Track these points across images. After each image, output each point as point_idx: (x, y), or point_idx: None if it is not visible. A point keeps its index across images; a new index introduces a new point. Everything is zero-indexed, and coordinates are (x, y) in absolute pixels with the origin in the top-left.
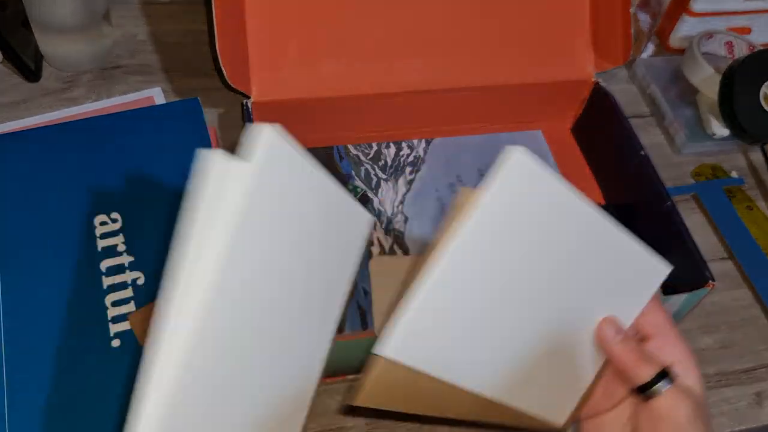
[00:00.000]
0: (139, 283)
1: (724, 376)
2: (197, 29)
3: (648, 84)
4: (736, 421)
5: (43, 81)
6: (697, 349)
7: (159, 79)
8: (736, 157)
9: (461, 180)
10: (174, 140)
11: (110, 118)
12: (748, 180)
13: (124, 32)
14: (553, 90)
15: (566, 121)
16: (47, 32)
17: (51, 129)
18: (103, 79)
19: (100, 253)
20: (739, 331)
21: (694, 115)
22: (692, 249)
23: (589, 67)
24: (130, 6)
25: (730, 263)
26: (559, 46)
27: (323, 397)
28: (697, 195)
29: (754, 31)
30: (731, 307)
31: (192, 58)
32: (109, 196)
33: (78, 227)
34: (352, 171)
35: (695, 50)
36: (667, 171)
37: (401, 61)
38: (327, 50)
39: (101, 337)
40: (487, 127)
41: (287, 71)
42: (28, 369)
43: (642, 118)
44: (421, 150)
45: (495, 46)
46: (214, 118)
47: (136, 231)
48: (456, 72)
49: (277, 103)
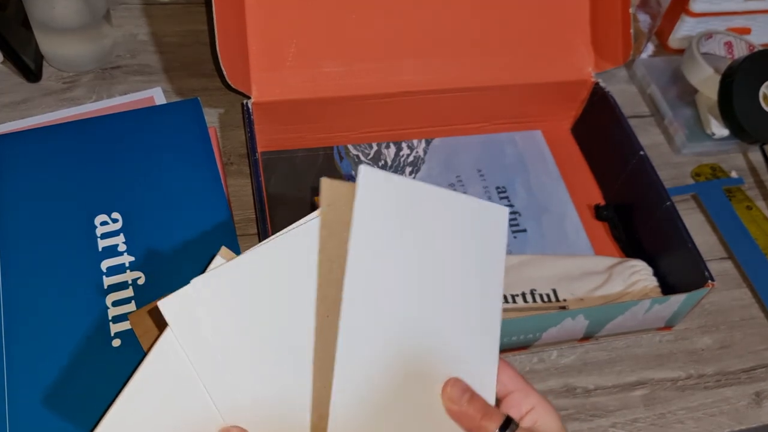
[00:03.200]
0: (140, 283)
1: (723, 376)
2: (198, 29)
3: (648, 84)
4: (735, 421)
5: (44, 81)
6: (696, 349)
7: (159, 79)
8: (735, 157)
9: (461, 180)
10: (174, 140)
11: (111, 118)
12: (747, 180)
13: (125, 32)
14: (553, 90)
15: (566, 121)
16: (48, 32)
17: (51, 129)
18: (103, 79)
19: (101, 252)
20: (738, 330)
21: (693, 115)
22: (692, 249)
23: (588, 67)
24: (130, 6)
25: (730, 263)
26: (559, 46)
27: None
28: (697, 195)
29: (753, 31)
30: (731, 307)
31: (192, 59)
32: (110, 195)
33: (78, 227)
34: (352, 171)
35: (695, 50)
36: (667, 171)
37: (401, 61)
38: (327, 50)
39: (102, 337)
40: (487, 127)
41: (287, 71)
42: (28, 368)
43: (641, 118)
44: (421, 150)
45: (495, 47)
46: (215, 118)
47: (136, 231)
48: (456, 72)
49: (278, 104)
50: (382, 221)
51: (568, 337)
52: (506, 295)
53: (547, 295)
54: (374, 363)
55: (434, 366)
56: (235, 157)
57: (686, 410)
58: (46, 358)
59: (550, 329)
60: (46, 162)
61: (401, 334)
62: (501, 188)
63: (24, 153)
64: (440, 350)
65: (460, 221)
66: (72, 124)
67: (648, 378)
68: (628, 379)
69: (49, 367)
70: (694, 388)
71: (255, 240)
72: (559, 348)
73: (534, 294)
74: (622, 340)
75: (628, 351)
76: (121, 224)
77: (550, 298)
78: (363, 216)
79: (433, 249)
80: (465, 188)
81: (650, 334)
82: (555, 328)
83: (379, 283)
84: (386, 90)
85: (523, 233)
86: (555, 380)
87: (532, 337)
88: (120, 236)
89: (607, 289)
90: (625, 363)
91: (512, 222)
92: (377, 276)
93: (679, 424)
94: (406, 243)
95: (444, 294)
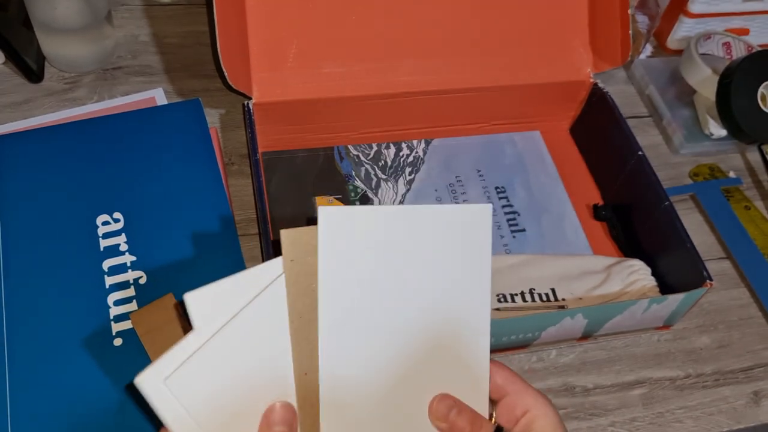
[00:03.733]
0: (141, 283)
1: (721, 376)
2: (199, 30)
3: (646, 85)
4: (734, 420)
5: (46, 82)
6: (694, 348)
7: (161, 79)
8: (733, 157)
9: (460, 180)
10: (176, 140)
11: (112, 118)
12: (745, 180)
13: (126, 33)
14: (552, 90)
15: (564, 121)
16: (49, 33)
17: (53, 129)
18: (104, 79)
19: (103, 252)
20: (736, 330)
21: (691, 116)
22: (690, 249)
23: (587, 67)
24: (131, 7)
25: (728, 263)
26: (557, 46)
27: None
28: (695, 195)
29: (752, 32)
30: (729, 307)
31: (193, 59)
32: (111, 195)
33: (80, 227)
34: (352, 171)
35: (693, 51)
36: (665, 171)
37: (401, 62)
38: (328, 51)
39: (103, 336)
40: (486, 127)
41: (288, 72)
42: (30, 368)
43: (640, 119)
44: (420, 150)
45: (494, 47)
46: (216, 119)
47: (138, 231)
48: (455, 73)
49: (278, 104)
50: (350, 257)
51: (567, 336)
52: (505, 295)
53: (546, 294)
54: (361, 380)
55: (423, 375)
56: (236, 157)
57: (684, 409)
58: (47, 357)
59: (549, 328)
60: (47, 162)
61: (387, 355)
62: (500, 188)
63: (26, 153)
64: (430, 361)
65: (438, 232)
66: (73, 125)
67: (646, 377)
68: (627, 379)
69: (50, 366)
70: (693, 388)
71: (255, 240)
72: (558, 347)
73: (533, 293)
74: (620, 340)
75: (627, 350)
76: (123, 224)
77: (549, 298)
78: (329, 257)
79: (413, 267)
80: (464, 188)
81: (649, 334)
82: (554, 328)
83: (357, 321)
84: (386, 90)
85: (522, 233)
86: (554, 379)
87: (531, 336)
88: (121, 236)
89: (606, 289)
90: (623, 362)
91: (511, 222)
92: (354, 313)
93: (678, 423)
94: (379, 271)
95: (430, 305)
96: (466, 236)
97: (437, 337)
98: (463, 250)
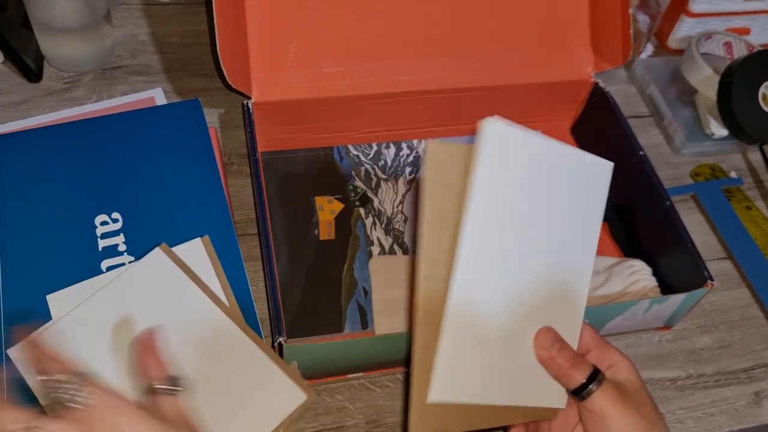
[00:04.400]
0: None
1: (723, 376)
2: (198, 30)
3: (647, 84)
4: (735, 420)
5: (45, 81)
6: (696, 348)
7: (160, 79)
8: (734, 157)
9: None
10: (175, 140)
11: (111, 118)
12: (746, 180)
13: (125, 33)
14: (553, 90)
15: (566, 120)
16: (48, 33)
17: (52, 129)
18: (104, 79)
19: (101, 252)
20: (737, 330)
21: (692, 116)
22: (691, 249)
23: (588, 67)
24: (130, 7)
25: (729, 263)
26: (558, 46)
27: (323, 396)
28: (696, 195)
29: (753, 31)
30: (730, 307)
31: (193, 59)
32: (110, 195)
33: (79, 227)
34: (352, 171)
35: (694, 51)
36: (666, 171)
37: (401, 62)
38: (327, 51)
39: None
40: None
41: (288, 72)
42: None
43: (641, 119)
44: (420, 150)
45: (494, 47)
46: (215, 119)
47: (136, 230)
48: (455, 72)
49: (278, 104)
50: (503, 174)
51: None
52: None
53: None
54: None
55: (532, 315)
56: (235, 157)
57: (686, 410)
58: None
59: None
60: (46, 162)
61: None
62: None
63: (25, 153)
64: (544, 301)
65: (568, 174)
66: (72, 125)
67: (647, 377)
68: None
69: None
70: (694, 388)
71: (255, 240)
72: None
73: None
74: (621, 340)
75: (628, 350)
76: (122, 224)
77: None
78: (485, 170)
79: (544, 201)
80: None
81: (650, 334)
82: None
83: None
84: (386, 90)
85: None
86: None
87: None
88: (120, 236)
89: (607, 289)
90: None
91: None
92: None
93: (679, 424)
94: (521, 195)
95: (555, 247)
96: (590, 187)
97: (555, 280)
98: (584, 200)
